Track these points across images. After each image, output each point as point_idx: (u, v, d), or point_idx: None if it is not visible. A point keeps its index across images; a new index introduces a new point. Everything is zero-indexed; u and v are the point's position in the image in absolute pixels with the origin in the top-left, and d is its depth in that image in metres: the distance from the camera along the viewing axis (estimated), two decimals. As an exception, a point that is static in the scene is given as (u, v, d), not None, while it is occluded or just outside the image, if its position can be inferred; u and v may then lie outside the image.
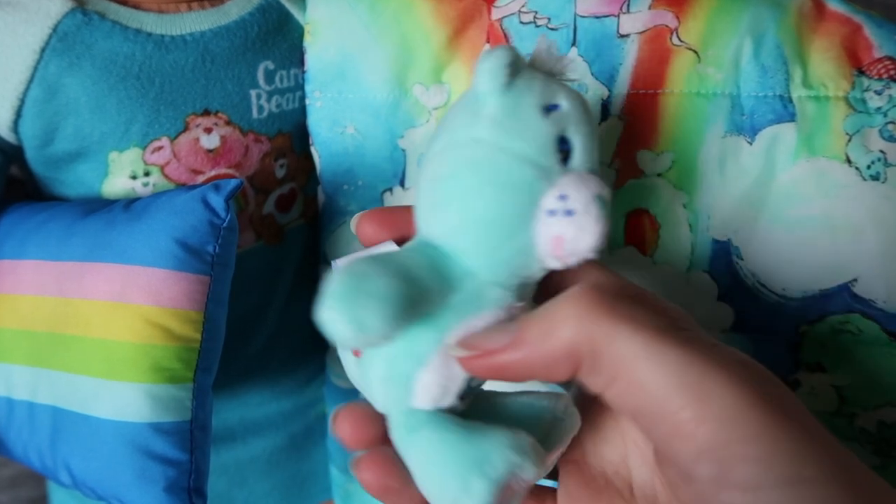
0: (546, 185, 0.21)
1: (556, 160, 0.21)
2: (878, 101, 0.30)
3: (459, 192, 0.21)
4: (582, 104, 0.22)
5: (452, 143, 0.22)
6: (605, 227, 0.20)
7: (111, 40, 0.31)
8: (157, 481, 0.28)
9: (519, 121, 0.21)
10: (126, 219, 0.29)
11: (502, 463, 0.20)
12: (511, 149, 0.21)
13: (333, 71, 0.35)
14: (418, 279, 0.21)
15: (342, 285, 0.20)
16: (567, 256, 0.21)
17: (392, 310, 0.20)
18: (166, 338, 0.28)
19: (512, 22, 0.33)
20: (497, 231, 0.21)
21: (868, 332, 0.31)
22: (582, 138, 0.21)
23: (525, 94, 0.21)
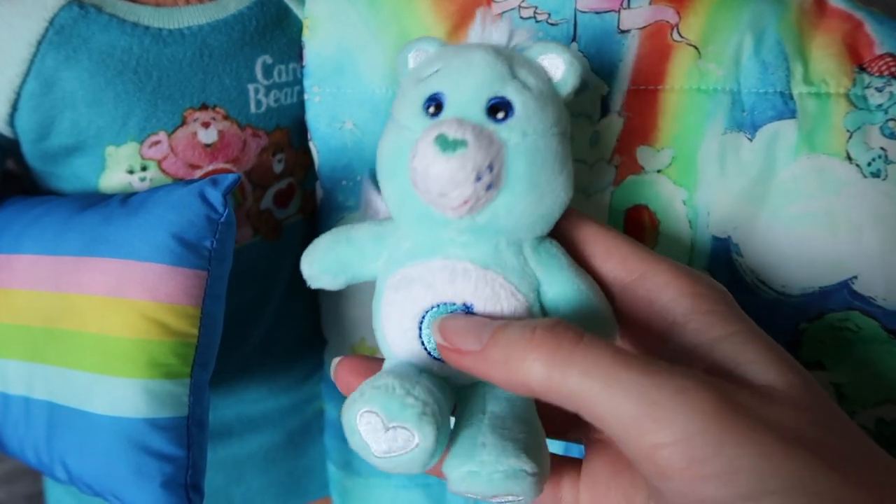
0: (411, 142, 0.23)
1: (422, 117, 0.24)
2: (878, 98, 0.30)
3: (377, 162, 0.25)
4: (462, 60, 0.24)
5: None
6: (448, 163, 0.21)
7: (108, 34, 0.31)
8: (154, 477, 0.28)
9: (401, 93, 0.25)
10: (123, 213, 0.29)
11: (357, 398, 0.22)
12: (393, 118, 0.25)
13: (332, 66, 0.35)
14: (355, 239, 0.26)
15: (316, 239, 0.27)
16: (428, 200, 0.23)
17: (316, 256, 0.26)
18: (163, 333, 0.28)
19: (512, 17, 0.33)
20: (388, 187, 0.25)
21: (867, 330, 0.31)
22: (450, 88, 0.23)
23: (414, 71, 0.25)
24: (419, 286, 0.24)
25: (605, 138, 0.33)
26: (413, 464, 0.22)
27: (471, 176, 0.22)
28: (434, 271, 0.24)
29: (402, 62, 0.26)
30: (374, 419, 0.22)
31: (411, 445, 0.21)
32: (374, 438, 0.22)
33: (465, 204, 0.22)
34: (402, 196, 0.24)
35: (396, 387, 0.22)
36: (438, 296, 0.23)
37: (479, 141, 0.22)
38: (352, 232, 0.26)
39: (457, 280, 0.23)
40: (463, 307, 0.23)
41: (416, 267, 0.24)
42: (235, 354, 0.37)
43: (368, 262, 0.26)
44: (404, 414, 0.21)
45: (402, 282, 0.24)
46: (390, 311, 0.24)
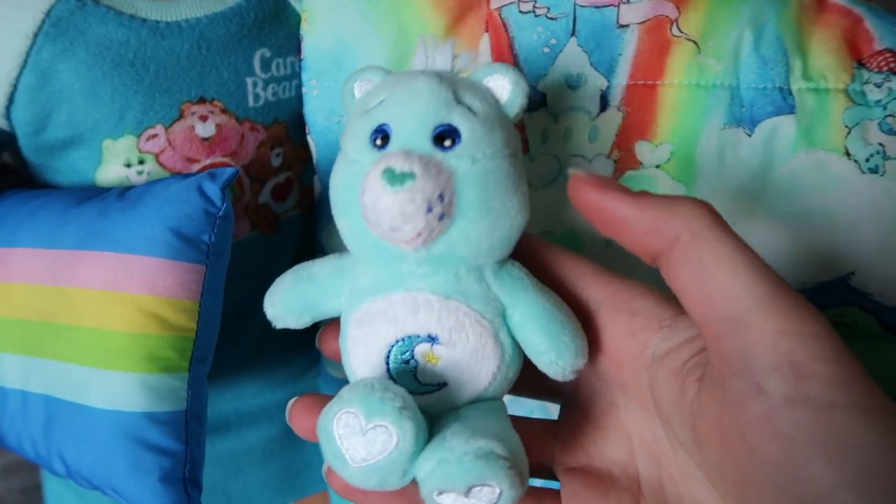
0: (360, 175, 0.23)
1: (371, 150, 0.23)
2: (877, 94, 0.30)
3: (330, 197, 0.25)
4: (406, 87, 0.23)
5: None
6: (397, 198, 0.21)
7: (105, 26, 0.31)
8: (152, 471, 0.28)
9: (349, 127, 0.25)
10: (120, 207, 0.29)
11: (335, 403, 0.22)
12: (344, 152, 0.24)
13: (330, 59, 0.35)
14: (316, 276, 0.25)
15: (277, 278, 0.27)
16: (380, 234, 0.22)
17: (277, 297, 0.26)
18: (161, 327, 0.28)
19: (511, 11, 0.33)
20: (341, 223, 0.24)
21: (864, 326, 0.31)
22: (395, 118, 0.23)
23: (360, 102, 0.25)
24: (381, 321, 0.23)
25: (604, 133, 0.33)
26: (392, 469, 0.21)
27: (421, 208, 0.21)
28: (395, 305, 0.23)
29: (348, 93, 0.26)
30: (353, 420, 0.21)
31: (390, 447, 0.21)
32: (352, 443, 0.21)
33: (418, 237, 0.22)
34: (355, 231, 0.24)
35: (375, 384, 0.22)
36: (401, 329, 0.23)
37: (427, 172, 0.21)
38: (313, 268, 0.26)
39: (419, 312, 0.23)
40: (427, 338, 0.23)
41: (377, 302, 0.23)
42: (234, 349, 0.37)
43: (331, 298, 0.25)
44: (384, 409, 0.21)
45: (364, 318, 0.24)
46: (355, 348, 0.24)
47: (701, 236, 0.20)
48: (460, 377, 0.23)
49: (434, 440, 0.22)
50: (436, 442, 0.22)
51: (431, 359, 0.23)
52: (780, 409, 0.18)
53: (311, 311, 0.26)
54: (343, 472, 0.22)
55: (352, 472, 0.21)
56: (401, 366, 0.23)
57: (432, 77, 0.24)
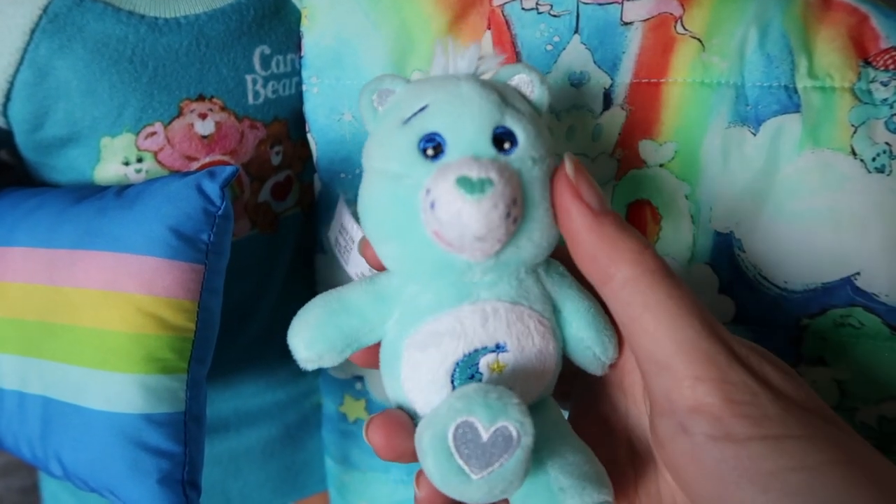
0: (415, 188, 0.22)
1: (422, 161, 0.22)
2: (884, 93, 0.30)
3: (362, 222, 0.23)
4: (452, 93, 0.22)
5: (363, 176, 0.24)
6: (480, 206, 0.20)
7: (103, 22, 0.31)
8: (151, 473, 0.27)
9: (380, 142, 0.23)
10: (118, 206, 0.29)
11: (445, 413, 0.20)
12: (379, 170, 0.23)
13: (331, 57, 0.34)
14: (351, 305, 0.23)
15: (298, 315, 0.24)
16: (460, 248, 0.21)
17: (313, 334, 0.23)
18: (159, 327, 0.27)
19: (514, 8, 0.32)
20: (392, 245, 0.23)
21: (870, 326, 0.31)
22: (450, 126, 0.22)
23: (390, 112, 0.23)
24: (449, 338, 0.22)
25: (608, 132, 0.32)
26: (517, 471, 0.20)
27: (503, 214, 0.21)
28: (463, 319, 0.22)
29: (367, 105, 0.24)
30: (471, 429, 0.20)
31: (511, 446, 0.20)
32: (474, 454, 0.20)
33: (497, 244, 0.21)
34: (414, 252, 0.22)
35: (486, 387, 0.20)
36: (470, 343, 0.22)
37: (501, 176, 0.21)
38: (345, 298, 0.24)
39: (488, 322, 0.22)
40: (494, 348, 0.22)
41: (443, 319, 0.22)
42: (233, 349, 0.37)
43: (375, 328, 0.23)
44: (506, 409, 0.20)
45: (428, 339, 0.22)
46: (415, 373, 0.22)
47: (633, 280, 0.21)
48: (525, 381, 0.22)
49: (531, 481, 0.21)
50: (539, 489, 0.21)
51: (497, 368, 0.22)
52: (703, 448, 0.20)
53: (353, 346, 0.24)
54: (464, 490, 0.20)
55: (475, 488, 0.20)
56: (466, 382, 0.22)
57: (474, 81, 0.23)
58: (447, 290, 0.22)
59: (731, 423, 0.20)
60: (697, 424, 0.20)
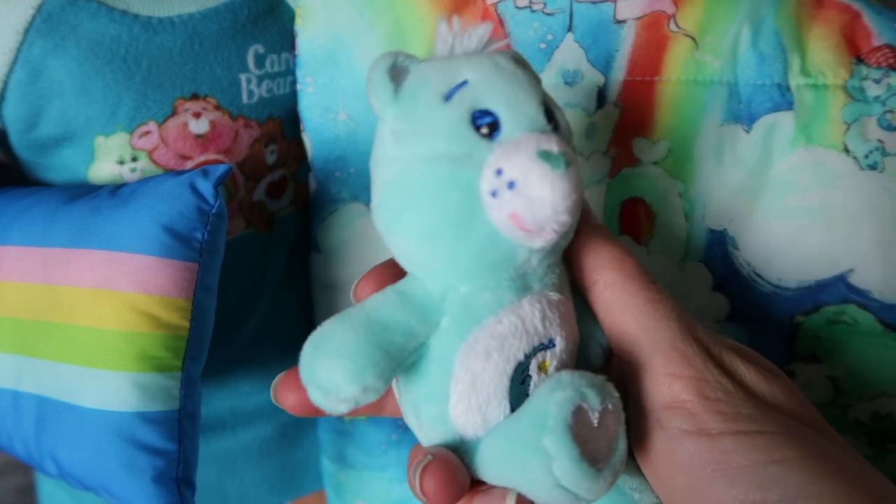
0: (475, 169, 0.19)
1: (477, 139, 0.19)
2: (876, 90, 0.30)
3: (397, 219, 0.20)
4: (496, 67, 0.20)
5: (377, 170, 0.21)
6: (567, 180, 0.18)
7: (97, 21, 0.31)
8: (145, 471, 0.27)
9: (417, 122, 0.20)
10: (112, 204, 0.29)
11: (557, 408, 0.19)
12: (421, 154, 0.19)
13: (325, 56, 0.34)
14: (390, 322, 0.20)
15: (307, 350, 0.20)
16: (539, 230, 0.19)
17: (357, 363, 0.19)
18: (153, 326, 0.27)
19: (507, 7, 0.32)
20: (447, 239, 0.20)
21: (863, 323, 0.31)
22: (506, 101, 0.20)
23: (419, 89, 0.20)
24: (512, 339, 0.20)
25: (601, 130, 0.32)
26: (625, 451, 0.19)
27: (582, 188, 0.19)
28: (524, 315, 0.20)
29: (381, 83, 0.21)
30: (585, 417, 0.19)
31: (616, 425, 0.19)
32: (594, 444, 0.18)
33: (574, 221, 0.20)
34: (480, 246, 0.19)
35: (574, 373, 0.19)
36: (530, 341, 0.20)
37: (572, 156, 0.19)
38: (376, 317, 0.20)
39: (546, 315, 0.21)
40: (547, 345, 0.21)
41: (504, 318, 0.20)
42: (228, 347, 0.37)
43: (420, 341, 0.20)
44: (608, 388, 0.19)
45: (491, 344, 0.20)
46: (473, 388, 0.20)
47: (615, 284, 0.22)
48: None
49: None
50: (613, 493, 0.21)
51: (544, 367, 0.21)
52: (678, 441, 0.20)
53: (398, 369, 0.20)
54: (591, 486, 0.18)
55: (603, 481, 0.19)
56: (517, 389, 0.20)
57: (507, 56, 0.21)
58: (505, 285, 0.20)
59: (704, 418, 0.20)
60: (673, 419, 0.21)
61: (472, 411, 0.20)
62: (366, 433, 0.38)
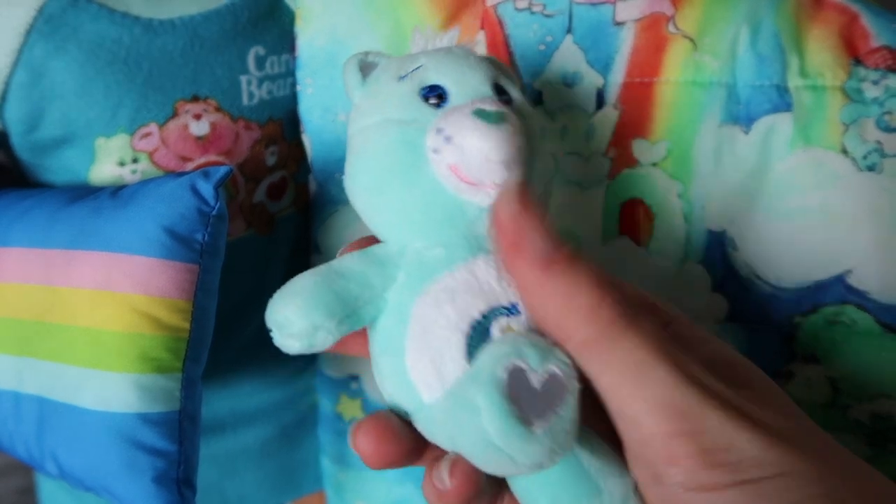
0: (422, 131, 0.21)
1: (425, 107, 0.21)
2: (874, 91, 0.30)
3: (354, 181, 0.22)
4: (448, 52, 0.23)
5: (348, 142, 0.23)
6: (498, 132, 0.20)
7: (98, 23, 0.31)
8: (146, 472, 0.27)
9: (376, 96, 0.22)
10: (113, 206, 0.29)
11: (491, 362, 0.18)
12: (376, 121, 0.22)
13: (325, 57, 0.34)
14: (346, 272, 0.21)
15: (274, 294, 0.22)
16: (478, 181, 0.20)
17: (308, 301, 0.20)
18: (154, 327, 0.28)
19: (507, 9, 0.33)
20: (395, 191, 0.21)
21: (862, 324, 0.31)
22: (453, 76, 0.22)
23: (380, 74, 0.23)
24: (464, 294, 0.20)
25: (601, 131, 0.32)
26: (573, 420, 0.18)
27: (520, 146, 0.20)
28: (478, 272, 0.20)
29: (353, 72, 0.24)
30: (522, 376, 0.18)
31: (564, 392, 0.18)
32: (531, 404, 0.18)
33: (515, 177, 0.20)
34: (424, 197, 0.21)
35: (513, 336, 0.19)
36: (487, 300, 0.20)
37: (512, 114, 0.20)
38: (336, 267, 0.21)
39: (502, 275, 0.21)
40: (506, 309, 0.20)
41: (457, 273, 0.21)
42: (229, 348, 0.37)
43: (377, 292, 0.21)
44: (554, 352, 0.18)
45: (441, 296, 0.20)
46: (426, 341, 0.20)
47: (591, 342, 0.20)
48: None
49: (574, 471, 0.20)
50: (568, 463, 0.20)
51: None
52: (678, 498, 0.19)
53: (353, 316, 0.21)
54: (525, 448, 0.18)
55: (538, 444, 0.18)
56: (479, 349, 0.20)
57: (463, 46, 0.23)
58: (457, 242, 0.21)
59: (706, 474, 0.19)
60: (672, 475, 0.19)
61: (426, 366, 0.20)
62: (366, 434, 0.38)
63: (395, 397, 0.22)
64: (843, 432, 0.32)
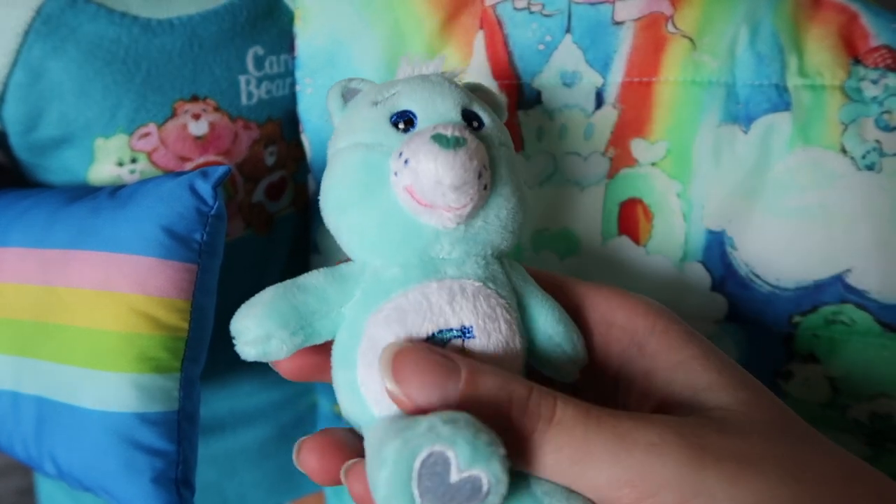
0: (386, 155, 0.22)
1: (393, 132, 0.22)
2: (873, 91, 0.30)
3: (324, 202, 0.23)
4: (423, 79, 0.24)
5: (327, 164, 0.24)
6: (451, 156, 0.20)
7: (96, 23, 0.31)
8: (144, 472, 0.27)
9: (350, 120, 0.23)
10: (111, 206, 0.29)
11: (425, 431, 0.18)
12: (347, 145, 0.23)
13: (324, 57, 0.34)
14: (307, 286, 0.22)
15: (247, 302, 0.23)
16: (431, 203, 0.21)
17: (265, 311, 0.22)
18: (153, 327, 0.28)
19: (505, 8, 0.33)
20: (356, 209, 0.22)
21: (861, 323, 0.31)
22: (422, 102, 0.23)
23: (358, 101, 0.24)
24: (414, 315, 0.21)
25: (600, 131, 0.32)
26: None
27: (477, 170, 0.21)
28: (430, 295, 0.21)
29: (335, 99, 0.25)
30: (443, 463, 0.18)
31: (477, 499, 0.18)
32: (434, 492, 0.18)
33: (469, 202, 0.21)
34: (382, 217, 0.22)
35: (475, 422, 0.18)
36: (436, 322, 0.21)
37: (473, 139, 0.21)
38: (302, 280, 0.22)
39: (455, 300, 0.21)
40: (460, 331, 0.21)
41: (410, 294, 0.21)
42: (228, 349, 0.37)
43: (333, 308, 0.22)
44: (489, 455, 0.18)
45: (391, 315, 0.21)
46: (376, 353, 0.21)
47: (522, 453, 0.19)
48: None
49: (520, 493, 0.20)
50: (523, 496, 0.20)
51: None
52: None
53: (307, 327, 0.22)
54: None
55: None
56: None
57: (440, 74, 0.24)
58: (413, 263, 0.22)
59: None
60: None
61: (375, 381, 0.21)
62: (365, 434, 0.38)
63: (349, 411, 0.22)
64: (842, 432, 0.32)
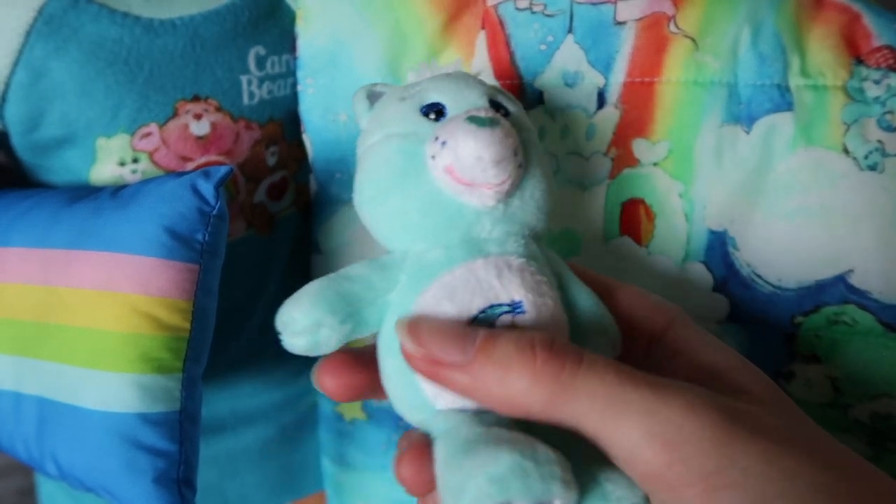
0: (421, 142, 0.22)
1: (425, 121, 0.23)
2: (876, 91, 0.30)
3: (360, 194, 0.24)
4: (446, 75, 0.25)
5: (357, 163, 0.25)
6: (489, 133, 0.21)
7: (98, 24, 0.31)
8: (146, 472, 0.27)
9: (380, 117, 0.24)
10: (113, 206, 0.29)
11: (474, 496, 0.17)
12: (380, 138, 0.23)
13: (325, 57, 0.34)
14: (352, 275, 0.22)
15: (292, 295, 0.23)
16: (472, 181, 0.21)
17: (312, 300, 0.22)
18: (154, 327, 0.28)
19: (507, 9, 0.33)
20: (396, 196, 0.22)
21: (863, 324, 0.31)
22: (450, 93, 0.23)
23: (384, 100, 0.25)
24: (463, 291, 0.21)
25: (602, 131, 0.32)
26: None
27: (513, 147, 0.22)
28: (477, 270, 0.21)
29: (361, 101, 0.26)
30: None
31: None
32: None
33: (507, 179, 0.22)
34: (423, 201, 0.22)
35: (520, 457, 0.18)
36: (486, 297, 0.21)
37: (505, 122, 0.22)
38: (343, 272, 0.22)
39: (503, 274, 0.21)
40: (510, 306, 0.21)
41: (457, 271, 0.21)
42: (229, 349, 0.37)
43: (380, 294, 0.22)
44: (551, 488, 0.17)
45: (440, 293, 0.21)
46: None
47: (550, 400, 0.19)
48: None
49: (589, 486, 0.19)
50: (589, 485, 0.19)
51: None
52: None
53: (355, 315, 0.22)
54: None
55: None
56: None
57: (462, 72, 0.26)
58: (456, 244, 0.22)
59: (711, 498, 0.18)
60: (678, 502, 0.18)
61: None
62: (366, 433, 0.38)
63: (401, 400, 0.22)
64: (843, 432, 0.32)
